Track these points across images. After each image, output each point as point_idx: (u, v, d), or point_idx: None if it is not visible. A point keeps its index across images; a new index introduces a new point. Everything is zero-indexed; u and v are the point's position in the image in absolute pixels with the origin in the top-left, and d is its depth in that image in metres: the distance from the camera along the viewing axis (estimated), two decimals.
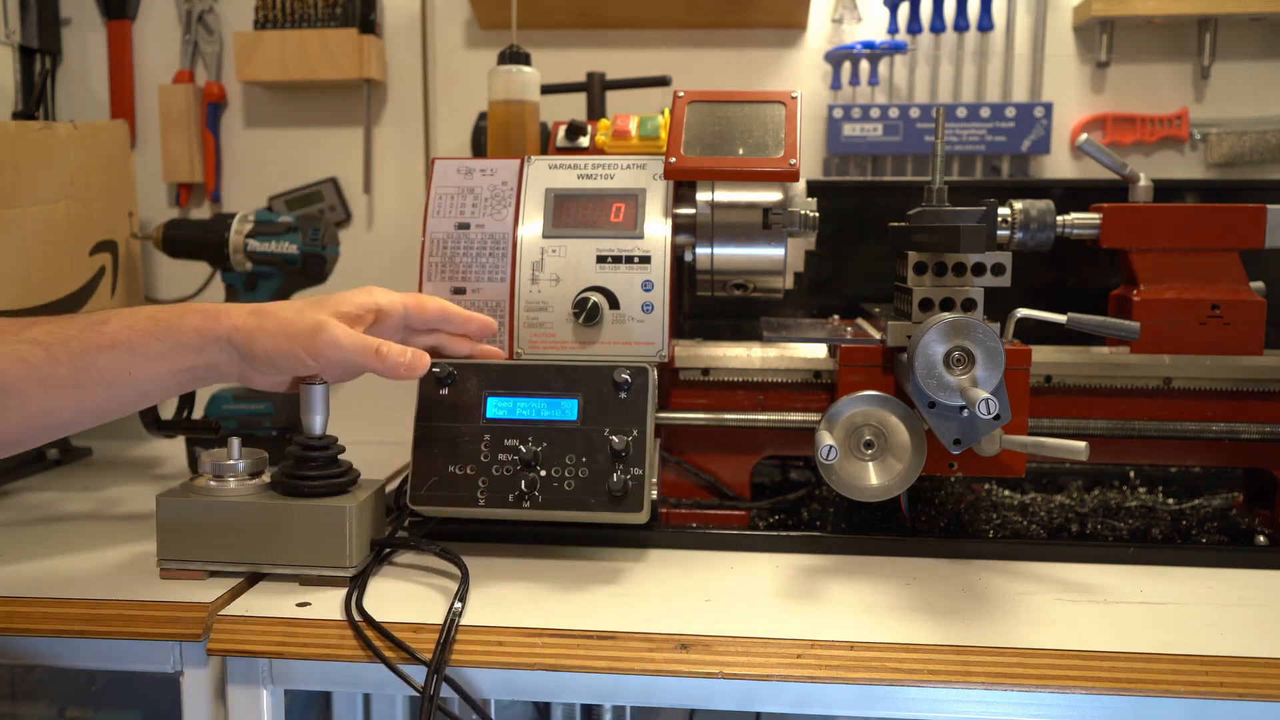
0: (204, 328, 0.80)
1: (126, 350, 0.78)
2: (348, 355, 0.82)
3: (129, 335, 0.78)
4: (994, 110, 1.34)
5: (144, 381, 0.79)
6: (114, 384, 0.78)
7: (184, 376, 0.81)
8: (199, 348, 0.80)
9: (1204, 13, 1.28)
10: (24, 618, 0.80)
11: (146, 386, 0.80)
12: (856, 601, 0.82)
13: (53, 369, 0.76)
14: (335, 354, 0.81)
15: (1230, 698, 0.71)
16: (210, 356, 0.81)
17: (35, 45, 1.40)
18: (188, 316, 0.81)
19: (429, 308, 0.90)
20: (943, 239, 0.88)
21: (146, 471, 1.28)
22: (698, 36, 1.40)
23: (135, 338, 0.78)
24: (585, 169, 0.99)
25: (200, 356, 0.80)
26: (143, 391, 0.80)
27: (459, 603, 0.78)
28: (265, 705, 0.81)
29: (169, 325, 0.80)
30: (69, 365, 0.76)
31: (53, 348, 0.76)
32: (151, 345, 0.79)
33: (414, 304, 0.89)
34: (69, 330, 0.78)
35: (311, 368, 0.83)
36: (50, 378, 0.76)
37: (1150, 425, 0.98)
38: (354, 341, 0.82)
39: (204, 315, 0.81)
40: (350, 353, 0.82)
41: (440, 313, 0.90)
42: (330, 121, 1.44)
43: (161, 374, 0.80)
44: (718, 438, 1.01)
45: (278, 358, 0.81)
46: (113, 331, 0.78)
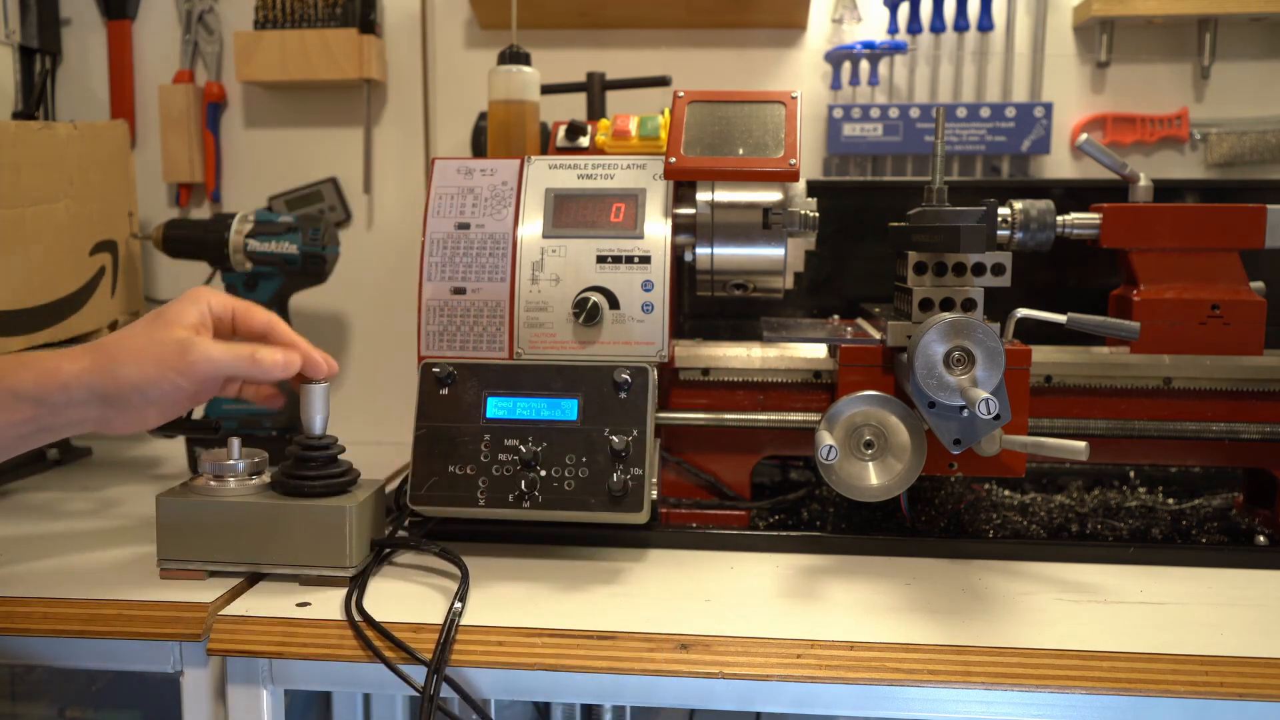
0: (42, 376, 0.76)
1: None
2: (222, 368, 0.79)
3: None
4: (994, 110, 1.34)
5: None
6: None
7: (25, 429, 0.77)
8: (38, 397, 0.76)
9: (1204, 13, 1.28)
10: (24, 618, 0.80)
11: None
12: (856, 601, 0.82)
13: None
14: (210, 369, 0.79)
15: (1230, 698, 0.71)
16: (54, 404, 0.77)
17: (35, 45, 1.40)
18: (25, 367, 0.77)
19: (256, 317, 0.85)
20: (943, 239, 0.88)
21: (146, 471, 1.28)
22: (698, 36, 1.40)
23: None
24: (585, 169, 0.99)
25: (41, 406, 0.76)
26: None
27: (459, 603, 0.78)
28: (265, 705, 0.81)
29: (2, 376, 0.76)
30: None
31: None
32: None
33: (242, 309, 0.85)
34: None
35: (185, 390, 0.79)
36: None
37: (1150, 425, 0.98)
38: (227, 353, 0.80)
39: (42, 363, 0.77)
40: (225, 365, 0.79)
41: (266, 324, 0.86)
42: (330, 121, 1.44)
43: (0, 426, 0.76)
44: (718, 438, 1.01)
45: (147, 386, 0.77)
46: None
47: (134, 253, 1.33)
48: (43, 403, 0.76)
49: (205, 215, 1.43)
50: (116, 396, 0.77)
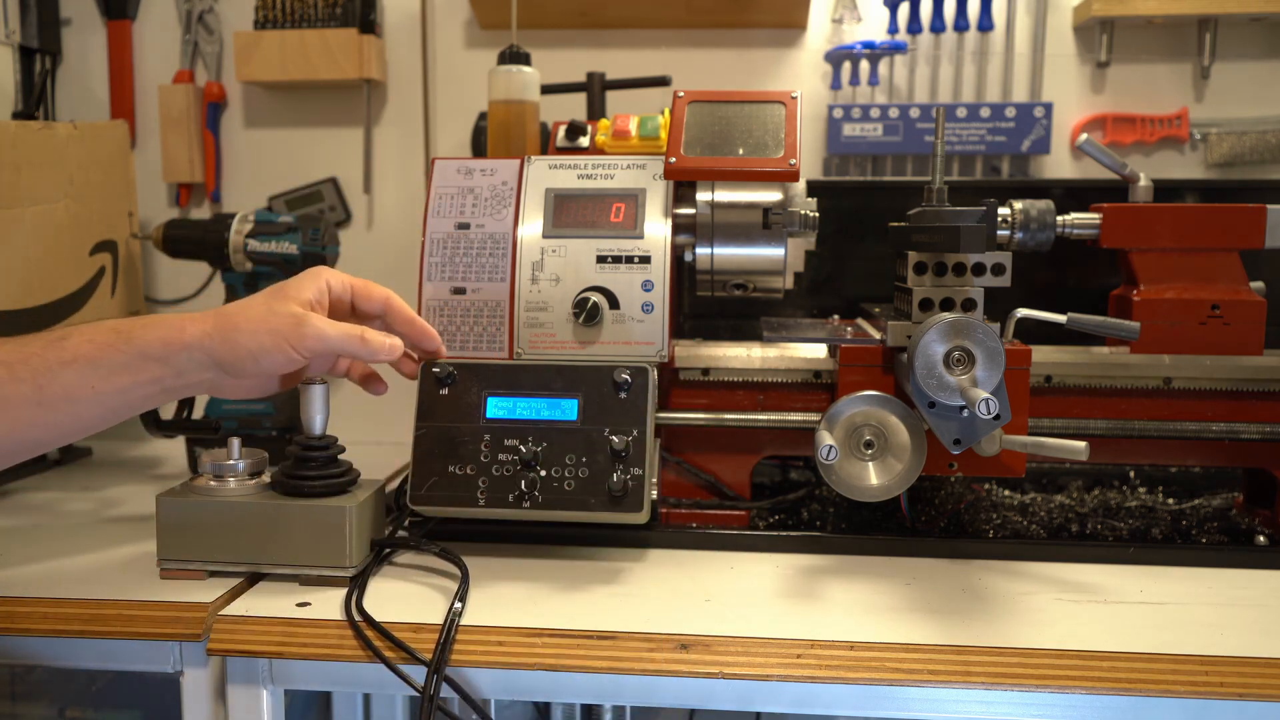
0: (169, 337, 0.79)
1: (89, 364, 0.77)
2: (333, 345, 0.82)
3: (90, 349, 0.77)
4: (994, 110, 1.34)
5: (108, 395, 0.78)
6: (78, 399, 0.77)
7: (151, 389, 0.79)
8: (163, 357, 0.78)
9: (1204, 13, 1.28)
10: (24, 618, 0.80)
11: (112, 401, 0.78)
12: (856, 601, 0.82)
13: (14, 387, 0.75)
14: (320, 345, 0.81)
15: (1230, 698, 0.71)
16: (177, 366, 0.79)
17: (35, 45, 1.40)
18: (151, 328, 0.79)
19: (374, 293, 0.89)
20: (943, 239, 0.88)
21: (146, 471, 1.28)
22: (698, 36, 1.40)
23: (97, 351, 0.77)
24: (585, 169, 0.99)
25: (166, 367, 0.79)
26: (108, 406, 0.78)
27: (459, 603, 0.78)
28: (265, 705, 0.81)
29: (131, 336, 0.78)
30: (31, 383, 0.75)
31: (13, 366, 0.75)
32: (114, 357, 0.77)
33: (360, 287, 0.88)
34: (29, 348, 0.76)
35: (297, 361, 0.82)
36: (12, 396, 0.75)
37: (1150, 425, 0.98)
38: (338, 331, 0.82)
39: (168, 325, 0.80)
40: (336, 342, 0.81)
41: (384, 301, 0.89)
42: (330, 121, 1.44)
43: (126, 386, 0.78)
44: (718, 438, 1.01)
45: (261, 355, 0.80)
46: (74, 346, 0.77)
47: (134, 253, 1.33)
48: (167, 363, 0.79)
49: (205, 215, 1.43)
50: (232, 363, 0.80)
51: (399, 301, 0.89)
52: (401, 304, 0.89)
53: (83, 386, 0.77)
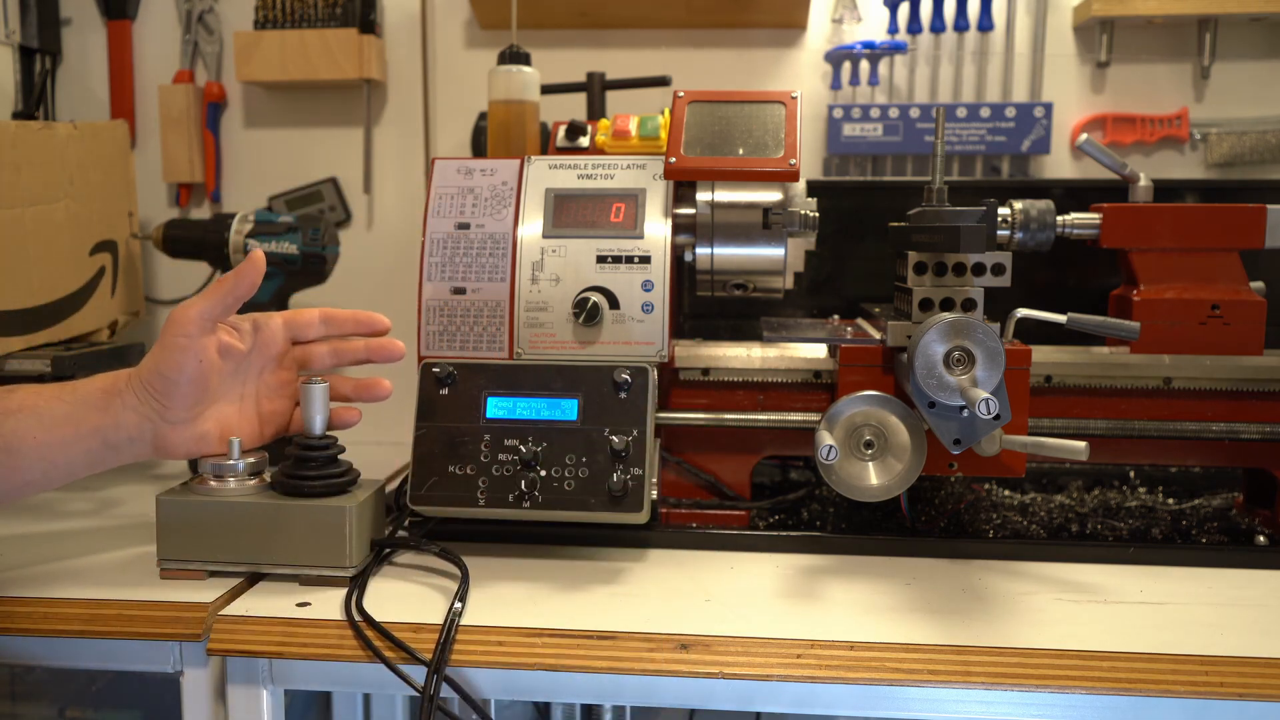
0: (107, 384, 0.81)
1: (32, 413, 0.78)
2: (207, 307, 0.81)
3: (35, 399, 0.78)
4: (994, 110, 1.34)
5: (51, 447, 0.78)
6: (19, 449, 0.77)
7: (92, 442, 0.80)
8: (102, 405, 0.80)
9: (1204, 13, 1.28)
10: (24, 618, 0.80)
11: (54, 455, 0.78)
12: (856, 601, 0.82)
13: None
14: (187, 313, 0.80)
15: (1230, 698, 0.71)
16: (115, 413, 0.80)
17: (35, 45, 1.40)
18: (95, 380, 0.82)
19: (306, 314, 0.90)
20: (943, 239, 0.88)
21: (146, 471, 1.28)
22: (698, 36, 1.40)
23: (41, 401, 0.78)
24: (585, 169, 0.99)
25: (105, 415, 0.79)
26: (50, 460, 0.78)
27: (459, 603, 0.78)
28: (265, 705, 0.81)
29: (75, 387, 0.80)
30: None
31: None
32: (57, 407, 0.78)
33: (290, 315, 0.90)
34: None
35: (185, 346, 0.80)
36: None
37: (1150, 425, 0.98)
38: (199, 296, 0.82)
39: (111, 375, 0.82)
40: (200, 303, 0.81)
41: (322, 317, 0.90)
42: (330, 121, 1.44)
43: (69, 438, 0.78)
44: (718, 438, 1.01)
45: (161, 363, 0.80)
46: (20, 397, 0.78)
47: (134, 253, 1.33)
48: (107, 410, 0.80)
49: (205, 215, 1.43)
50: (152, 390, 0.80)
51: (332, 310, 0.91)
52: (335, 310, 0.91)
53: (23, 436, 0.77)
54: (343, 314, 0.91)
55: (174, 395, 0.81)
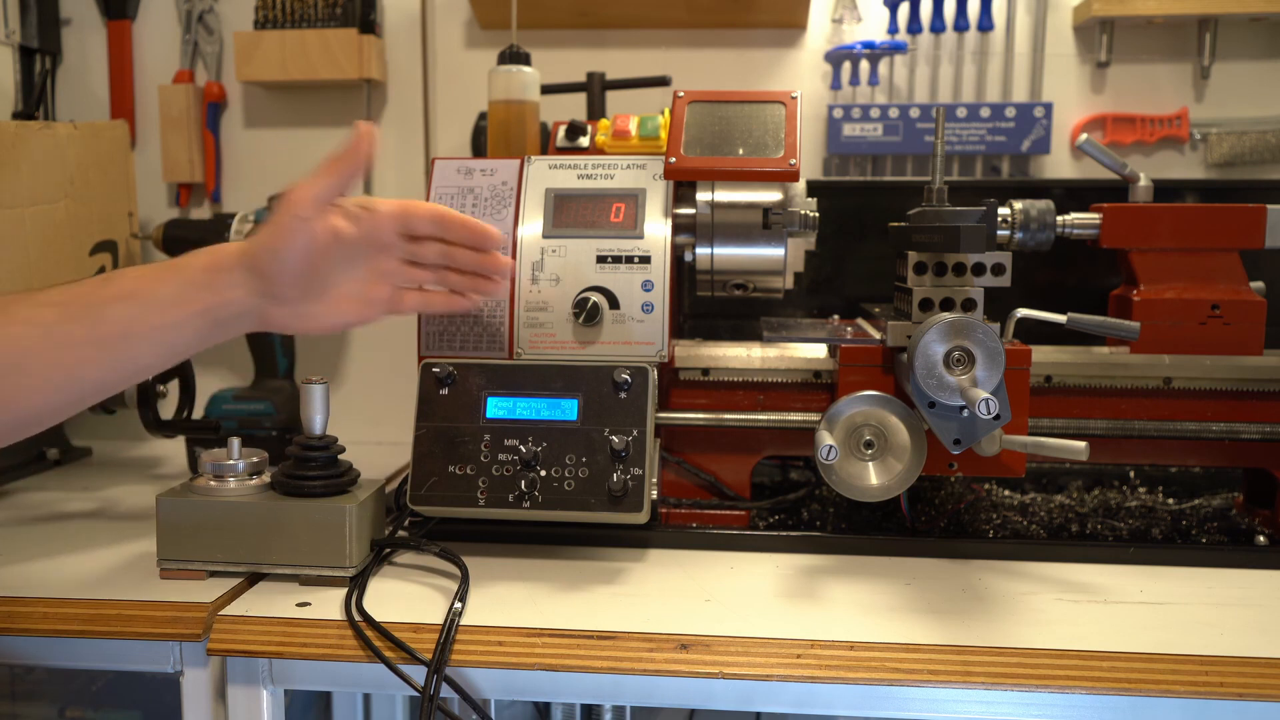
0: (209, 262, 0.79)
1: (140, 298, 0.76)
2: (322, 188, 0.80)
3: (140, 284, 0.77)
4: (994, 110, 1.34)
5: (164, 330, 0.77)
6: (132, 334, 0.76)
7: (204, 321, 0.78)
8: (209, 283, 0.78)
9: (1204, 13, 1.28)
10: (24, 618, 0.80)
11: (168, 336, 0.77)
12: (856, 601, 0.82)
13: (69, 327, 0.74)
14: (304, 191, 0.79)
15: (1230, 698, 0.71)
16: (223, 291, 0.78)
17: (35, 45, 1.40)
18: (194, 257, 0.80)
19: (419, 209, 0.86)
20: (943, 239, 0.88)
21: (146, 471, 1.28)
22: (698, 36, 1.40)
23: (146, 285, 0.77)
24: (585, 169, 0.99)
25: (213, 293, 0.78)
26: (167, 342, 0.78)
27: (459, 603, 0.78)
28: (265, 705, 0.81)
29: (177, 267, 0.78)
30: (84, 321, 0.74)
31: (66, 306, 0.75)
32: (163, 290, 0.77)
33: (402, 206, 0.86)
34: (80, 289, 0.76)
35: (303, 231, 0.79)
36: (68, 337, 0.74)
37: (1150, 425, 0.98)
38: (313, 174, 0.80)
39: (210, 251, 0.80)
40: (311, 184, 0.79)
41: (433, 215, 0.86)
42: (330, 121, 1.44)
43: (179, 320, 0.77)
44: (718, 438, 1.01)
45: (274, 241, 0.78)
46: (124, 282, 0.77)
47: (134, 253, 1.33)
48: (213, 289, 0.78)
49: (205, 215, 1.44)
50: (261, 268, 0.79)
51: (447, 211, 0.87)
52: (450, 211, 0.87)
53: (136, 321, 0.76)
54: (456, 217, 0.87)
55: (283, 274, 0.80)
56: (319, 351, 1.46)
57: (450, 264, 0.88)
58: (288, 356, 1.29)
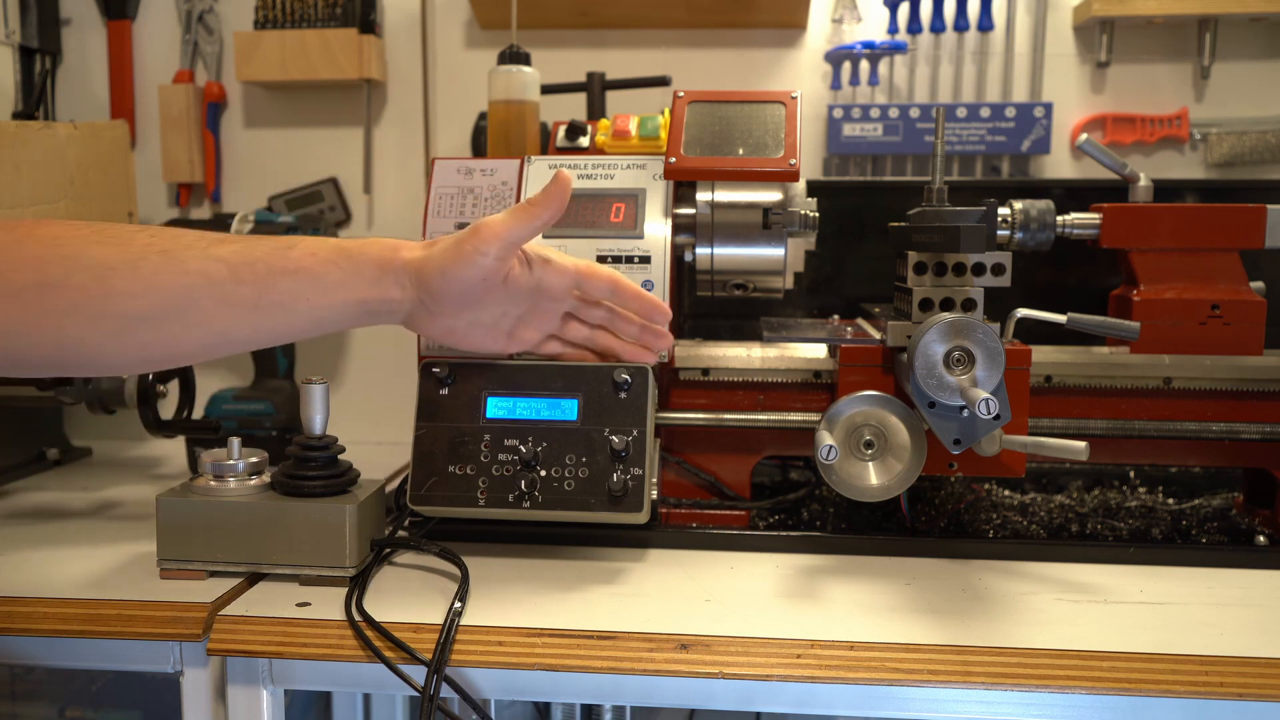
0: (383, 258, 0.80)
1: (309, 276, 0.77)
2: (515, 232, 0.80)
3: (312, 262, 0.78)
4: (994, 110, 1.34)
5: (321, 309, 0.78)
6: (293, 308, 0.77)
7: (358, 309, 0.80)
8: (376, 279, 0.80)
9: (1204, 13, 1.28)
10: (24, 618, 0.80)
11: (322, 315, 0.79)
12: (856, 601, 0.82)
13: (236, 289, 0.75)
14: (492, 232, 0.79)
15: (1230, 698, 0.71)
16: (385, 290, 0.80)
17: (35, 45, 1.40)
18: (369, 247, 0.80)
19: (601, 276, 0.87)
20: (943, 239, 0.88)
21: (146, 471, 1.28)
22: (698, 36, 1.40)
23: (318, 265, 0.78)
24: (585, 169, 0.99)
25: (376, 289, 0.80)
26: (318, 320, 0.79)
27: (459, 603, 0.78)
28: (265, 705, 0.81)
29: (351, 254, 0.79)
30: (252, 286, 0.76)
31: (238, 268, 0.76)
32: (333, 273, 0.78)
33: (585, 271, 0.86)
34: (256, 252, 0.77)
35: (483, 267, 0.80)
36: (232, 297, 0.75)
37: (1150, 425, 0.98)
38: (509, 215, 0.81)
39: (384, 247, 0.81)
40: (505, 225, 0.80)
41: (612, 284, 0.87)
42: (330, 121, 1.44)
43: (337, 304, 0.79)
44: (718, 438, 1.01)
45: (448, 267, 0.79)
46: (297, 257, 0.78)
47: None
48: (378, 284, 0.80)
49: (205, 215, 1.44)
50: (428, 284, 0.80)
51: (624, 280, 0.87)
52: (626, 281, 0.87)
53: (299, 298, 0.77)
54: (631, 290, 0.87)
55: (446, 297, 0.81)
56: (319, 351, 1.46)
57: (610, 327, 0.90)
58: (288, 357, 1.29)
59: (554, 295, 0.86)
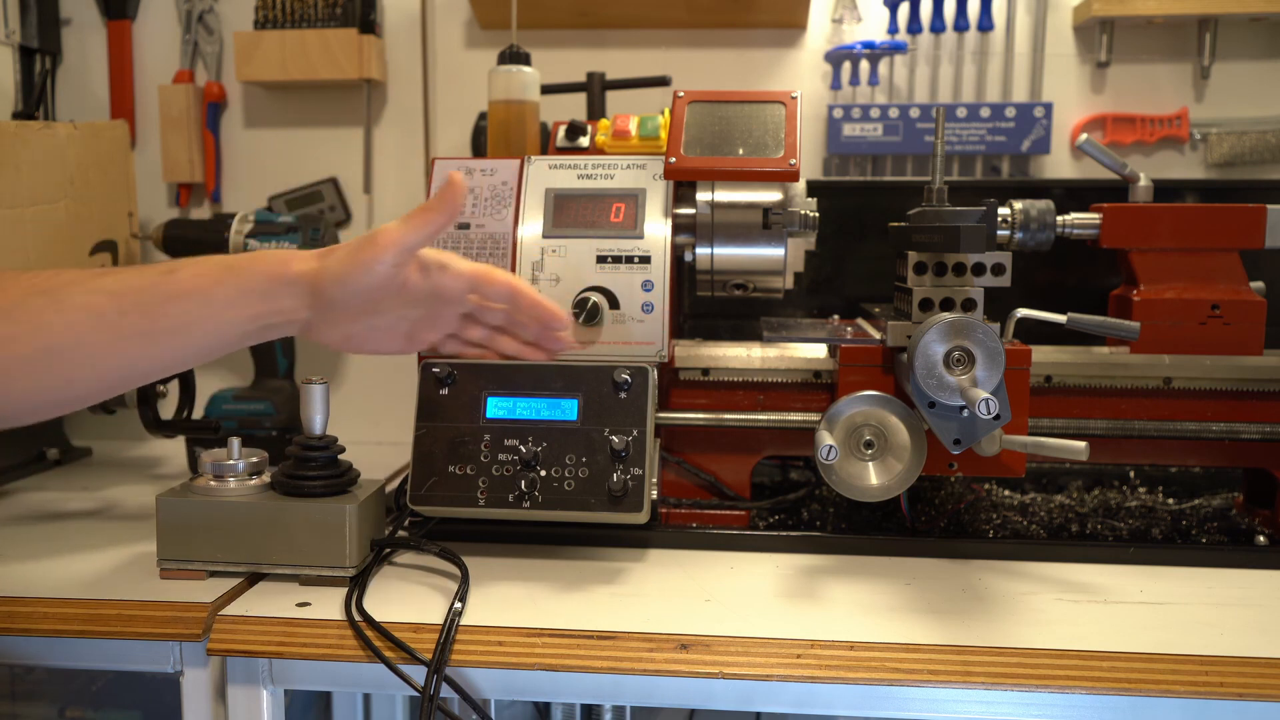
0: (273, 271, 0.79)
1: (197, 298, 0.77)
2: (412, 239, 0.79)
3: (199, 283, 0.77)
4: (994, 110, 1.34)
5: (215, 330, 0.77)
6: (186, 332, 0.76)
7: (252, 324, 0.79)
8: (267, 292, 0.78)
9: (1204, 13, 1.28)
10: (24, 618, 0.80)
11: (217, 335, 0.78)
12: (856, 601, 0.82)
13: (123, 320, 0.74)
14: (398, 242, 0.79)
15: (1230, 698, 0.71)
16: (278, 302, 0.79)
17: (35, 45, 1.40)
18: (257, 262, 0.80)
19: (497, 281, 0.85)
20: (943, 239, 0.88)
21: (146, 471, 1.28)
22: (698, 36, 1.40)
23: (205, 285, 0.77)
24: (585, 169, 0.99)
25: (268, 302, 0.78)
26: (214, 340, 0.78)
27: (459, 603, 0.78)
28: (265, 705, 0.81)
29: (237, 270, 0.79)
30: (140, 315, 0.75)
31: (122, 298, 0.75)
32: (221, 292, 0.77)
33: (481, 275, 0.85)
34: (139, 281, 0.76)
35: (380, 274, 0.79)
36: (121, 328, 0.74)
37: (1150, 425, 0.98)
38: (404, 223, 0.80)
39: (273, 260, 0.80)
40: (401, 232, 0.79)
41: (510, 291, 0.85)
42: (330, 121, 1.44)
43: (230, 321, 0.78)
44: (718, 438, 1.01)
45: (346, 276, 0.79)
46: (183, 280, 0.77)
47: (134, 253, 1.33)
48: (271, 298, 0.78)
49: (205, 215, 1.44)
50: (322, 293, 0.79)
51: (525, 286, 0.85)
52: (526, 289, 0.85)
53: (190, 321, 0.76)
54: (529, 298, 0.85)
55: (344, 304, 0.80)
56: (319, 351, 1.46)
57: (508, 329, 0.88)
58: (288, 357, 1.29)
59: (450, 299, 0.85)
